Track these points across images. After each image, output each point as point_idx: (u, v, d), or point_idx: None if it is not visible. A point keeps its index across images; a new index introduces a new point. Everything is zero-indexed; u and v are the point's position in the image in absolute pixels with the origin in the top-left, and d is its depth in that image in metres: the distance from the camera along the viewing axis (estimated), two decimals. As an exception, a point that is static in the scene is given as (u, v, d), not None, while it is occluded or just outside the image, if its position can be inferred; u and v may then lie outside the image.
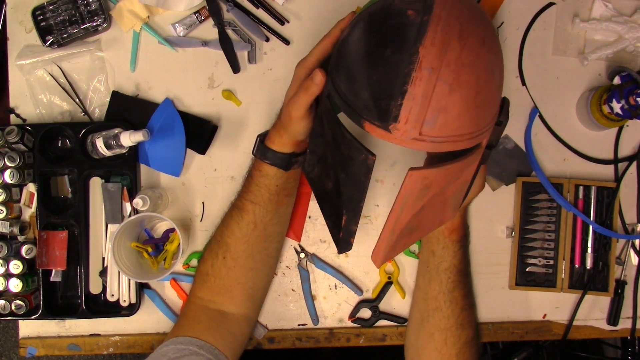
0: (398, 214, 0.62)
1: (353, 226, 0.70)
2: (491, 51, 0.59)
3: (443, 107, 0.56)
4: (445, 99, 0.56)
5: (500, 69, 0.61)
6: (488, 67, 0.58)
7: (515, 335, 0.92)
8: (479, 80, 0.57)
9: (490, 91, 0.59)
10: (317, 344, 0.92)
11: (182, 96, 0.93)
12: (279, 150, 0.76)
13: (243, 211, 0.79)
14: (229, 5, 0.92)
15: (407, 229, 0.66)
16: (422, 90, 0.55)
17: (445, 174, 0.62)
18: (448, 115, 0.57)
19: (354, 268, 0.93)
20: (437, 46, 0.56)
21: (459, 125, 0.58)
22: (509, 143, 0.93)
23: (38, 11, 0.90)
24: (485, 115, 0.60)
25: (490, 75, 0.59)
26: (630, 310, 0.92)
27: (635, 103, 0.82)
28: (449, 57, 0.56)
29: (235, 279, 0.80)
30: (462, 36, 0.57)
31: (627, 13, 0.93)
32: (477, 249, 0.92)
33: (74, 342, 0.92)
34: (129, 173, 0.90)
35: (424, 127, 0.57)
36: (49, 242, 0.88)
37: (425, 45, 0.56)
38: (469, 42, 0.57)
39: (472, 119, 0.58)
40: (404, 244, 0.70)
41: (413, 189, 0.60)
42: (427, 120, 0.56)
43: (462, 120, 0.57)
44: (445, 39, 0.56)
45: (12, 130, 0.87)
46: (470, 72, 0.57)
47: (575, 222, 0.91)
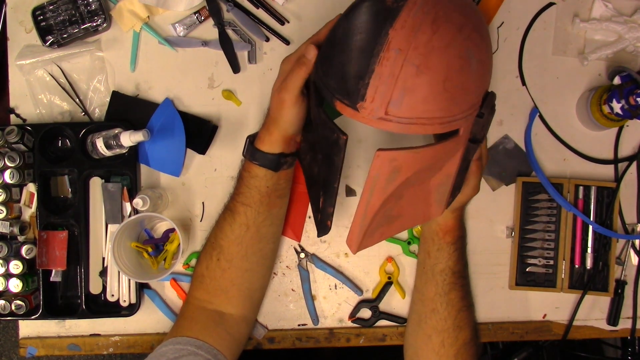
0: (368, 197, 0.62)
1: (329, 207, 0.71)
2: (470, 40, 0.59)
3: (409, 87, 0.57)
4: (412, 80, 0.57)
5: (482, 60, 0.61)
6: (463, 54, 0.58)
7: (515, 335, 0.92)
8: (450, 66, 0.58)
9: (465, 79, 0.59)
10: (317, 344, 0.92)
11: (182, 96, 0.93)
12: (268, 151, 0.76)
13: (235, 213, 0.79)
14: (229, 5, 0.92)
15: (384, 216, 0.67)
16: (388, 70, 0.57)
17: (415, 158, 0.62)
18: (414, 97, 0.57)
19: (354, 268, 0.93)
20: (407, 29, 0.57)
21: (426, 109, 0.58)
22: (509, 143, 0.93)
23: (38, 11, 0.90)
24: (459, 102, 0.60)
25: (465, 63, 0.59)
26: (630, 310, 0.92)
27: (635, 103, 0.82)
28: (419, 39, 0.57)
29: (230, 280, 0.80)
30: (436, 21, 0.58)
31: (627, 13, 0.93)
32: (477, 249, 0.92)
33: (74, 342, 0.92)
34: (129, 173, 0.90)
35: (390, 106, 0.58)
36: (49, 242, 0.88)
37: (395, 28, 0.57)
38: (443, 27, 0.58)
39: (441, 104, 0.58)
40: (383, 232, 0.69)
41: (381, 170, 0.61)
42: (392, 100, 0.57)
43: (429, 103, 0.58)
44: (416, 22, 0.57)
45: (12, 130, 0.87)
46: (439, 56, 0.57)
47: (575, 222, 0.91)
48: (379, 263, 0.92)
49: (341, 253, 0.92)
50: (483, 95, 0.63)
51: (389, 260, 0.91)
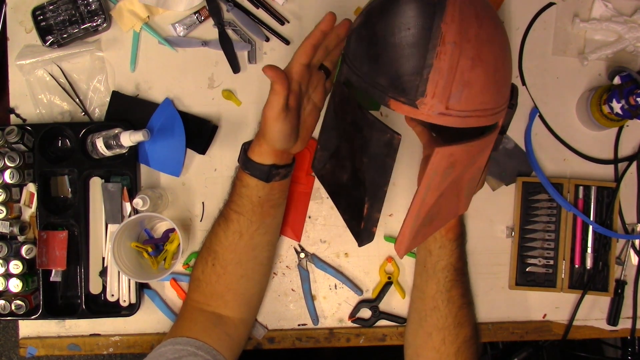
0: (424, 196, 0.62)
1: (376, 213, 0.69)
2: (503, 33, 0.62)
3: (467, 81, 0.58)
4: (469, 73, 0.57)
5: (509, 52, 0.64)
6: (502, 47, 0.61)
7: (515, 335, 0.92)
8: (497, 58, 0.60)
9: (506, 70, 0.62)
10: (317, 344, 0.92)
11: (182, 96, 0.93)
12: (259, 162, 0.74)
13: (228, 220, 0.79)
14: (229, 5, 0.92)
15: (429, 216, 0.66)
16: (447, 64, 0.57)
17: (468, 152, 0.63)
18: (472, 89, 0.58)
19: (354, 268, 0.93)
20: (457, 22, 0.57)
21: (482, 100, 0.59)
22: (509, 143, 0.93)
23: (38, 11, 0.90)
24: (503, 92, 0.62)
25: (506, 55, 0.62)
26: (630, 310, 0.92)
27: (635, 103, 0.82)
28: (470, 33, 0.58)
29: (226, 285, 0.80)
30: (478, 15, 0.59)
31: (627, 13, 0.93)
32: (477, 249, 0.92)
33: (74, 342, 0.92)
34: (129, 173, 0.90)
35: (450, 100, 0.58)
36: (49, 242, 0.88)
37: (446, 22, 0.57)
38: (486, 21, 0.59)
39: (492, 95, 0.60)
40: (424, 233, 0.69)
41: (439, 166, 0.61)
42: (452, 93, 0.57)
43: (484, 95, 0.59)
44: (463, 16, 0.58)
45: (12, 130, 0.87)
46: (489, 49, 0.59)
47: (575, 222, 0.91)
48: (379, 263, 0.92)
49: (341, 253, 0.92)
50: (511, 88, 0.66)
51: (389, 260, 0.91)
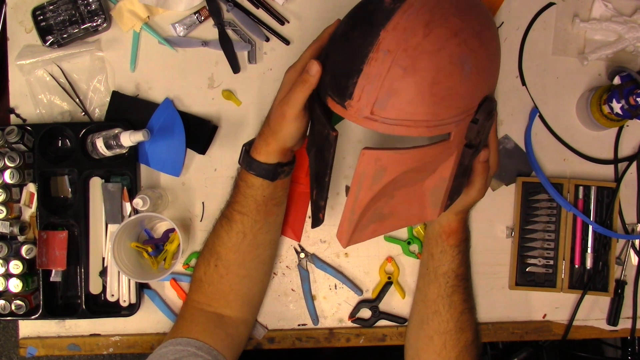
0: (356, 194, 0.63)
1: (321, 201, 0.72)
2: (465, 45, 0.59)
3: (395, 89, 0.58)
4: (398, 82, 0.58)
5: (479, 66, 0.60)
6: (455, 60, 0.58)
7: (515, 335, 0.92)
8: (440, 70, 0.58)
9: (455, 84, 0.59)
10: (317, 344, 0.92)
11: (182, 96, 0.93)
12: (265, 161, 0.74)
13: (232, 221, 0.78)
14: (229, 5, 0.92)
15: (375, 214, 0.67)
16: (376, 71, 0.58)
17: (400, 159, 0.62)
18: (400, 98, 0.58)
19: (354, 268, 0.93)
20: (399, 30, 0.58)
21: (412, 111, 0.59)
22: (509, 143, 0.93)
23: (38, 11, 0.90)
24: (447, 106, 0.60)
25: (457, 68, 0.58)
26: (630, 310, 0.92)
27: (635, 103, 0.82)
28: (409, 42, 0.57)
29: (228, 285, 0.80)
30: (429, 24, 0.58)
31: (627, 13, 0.93)
32: (477, 249, 0.92)
33: (74, 342, 0.92)
34: (129, 173, 0.90)
35: (376, 106, 0.59)
36: (49, 242, 0.88)
37: (387, 29, 0.58)
38: (437, 31, 0.58)
39: (427, 107, 0.59)
40: (375, 229, 0.70)
41: (367, 168, 0.62)
42: (378, 100, 0.58)
43: (415, 105, 0.58)
44: (409, 25, 0.58)
45: (12, 130, 0.87)
46: (428, 60, 0.57)
47: (575, 222, 0.91)
48: (379, 263, 0.92)
49: (341, 253, 0.92)
50: (480, 101, 0.62)
51: (389, 260, 0.91)
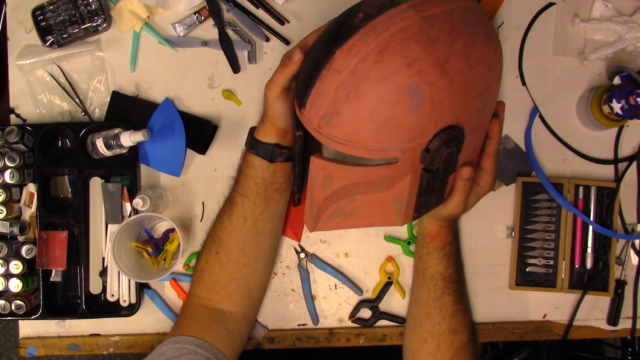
0: (311, 192, 0.68)
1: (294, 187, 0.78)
2: (420, 76, 0.57)
3: (338, 110, 0.59)
4: (341, 104, 0.59)
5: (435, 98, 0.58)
6: (401, 90, 0.57)
7: (515, 335, 0.92)
8: (382, 98, 0.57)
9: (400, 114, 0.58)
10: (317, 344, 0.92)
11: (182, 96, 0.93)
12: (263, 140, 0.77)
13: (233, 204, 0.81)
14: (229, 5, 0.92)
15: (337, 210, 0.71)
16: (324, 88, 0.59)
17: (345, 173, 0.65)
18: (341, 119, 0.60)
19: (354, 268, 0.93)
20: (352, 53, 0.57)
21: (351, 132, 0.60)
22: (509, 143, 0.93)
23: (38, 11, 0.90)
24: (389, 134, 0.59)
25: (402, 98, 0.57)
26: (630, 310, 0.92)
27: (635, 103, 0.82)
28: (358, 66, 0.57)
29: (229, 274, 0.80)
30: (383, 51, 0.57)
31: (627, 13, 0.93)
32: (477, 249, 0.92)
33: (74, 342, 0.92)
34: (129, 173, 0.90)
35: (322, 121, 0.61)
36: (49, 242, 0.88)
37: (342, 49, 0.58)
38: (389, 59, 0.56)
39: (366, 132, 0.59)
40: (339, 223, 0.73)
41: (317, 174, 0.65)
42: (324, 116, 0.60)
43: (354, 128, 0.60)
44: (363, 48, 0.57)
45: (12, 130, 0.87)
46: (372, 87, 0.57)
47: (575, 222, 0.91)
48: (379, 263, 0.92)
49: (341, 253, 0.92)
50: (437, 131, 0.61)
51: (389, 260, 0.91)
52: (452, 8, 0.59)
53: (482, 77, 0.61)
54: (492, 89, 0.64)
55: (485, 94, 0.63)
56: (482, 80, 0.61)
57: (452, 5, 0.59)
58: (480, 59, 0.60)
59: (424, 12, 0.58)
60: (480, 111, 0.64)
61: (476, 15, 0.62)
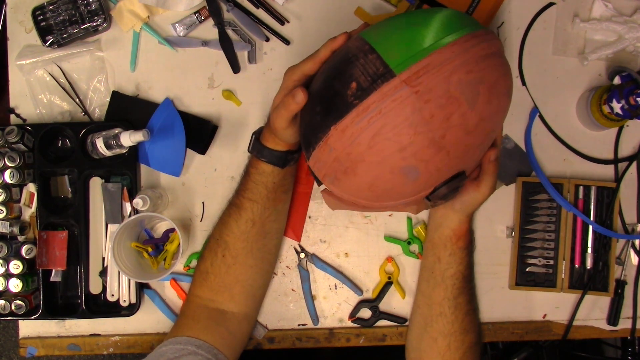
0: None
1: None
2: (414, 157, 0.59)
3: (337, 178, 0.64)
4: (339, 174, 0.63)
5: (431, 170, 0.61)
6: (395, 170, 0.60)
7: (515, 335, 0.92)
8: (378, 177, 0.61)
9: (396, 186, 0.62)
10: (317, 344, 0.92)
11: (182, 96, 0.93)
12: (275, 148, 0.77)
13: (241, 209, 0.80)
14: (229, 5, 0.92)
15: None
16: (322, 158, 0.63)
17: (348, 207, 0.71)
18: (340, 184, 0.65)
19: (354, 268, 0.92)
20: (346, 136, 0.59)
21: (351, 195, 0.66)
22: (509, 143, 0.93)
23: (38, 11, 0.90)
24: (388, 199, 0.65)
25: (398, 177, 0.61)
26: (630, 310, 0.92)
27: (635, 103, 0.82)
28: (352, 148, 0.59)
29: (234, 276, 0.80)
30: (375, 136, 0.58)
31: (627, 13, 0.93)
32: (477, 248, 0.92)
33: (74, 342, 0.92)
34: (129, 173, 0.90)
35: (324, 179, 0.66)
36: (49, 242, 0.88)
37: (337, 128, 0.60)
38: (381, 145, 0.58)
39: (365, 200, 0.66)
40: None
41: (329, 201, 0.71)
42: (325, 175, 0.65)
43: (353, 194, 0.66)
44: (356, 133, 0.59)
45: (12, 130, 0.87)
46: (367, 169, 0.61)
47: (575, 222, 0.91)
48: (379, 263, 0.92)
49: (341, 253, 0.92)
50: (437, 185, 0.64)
51: (389, 260, 0.91)
52: (450, 72, 0.56)
53: (484, 131, 0.62)
54: (496, 130, 0.67)
55: (487, 141, 0.66)
56: (483, 134, 0.62)
57: (451, 66, 0.57)
58: (481, 119, 0.59)
59: (417, 85, 0.56)
60: (483, 150, 0.67)
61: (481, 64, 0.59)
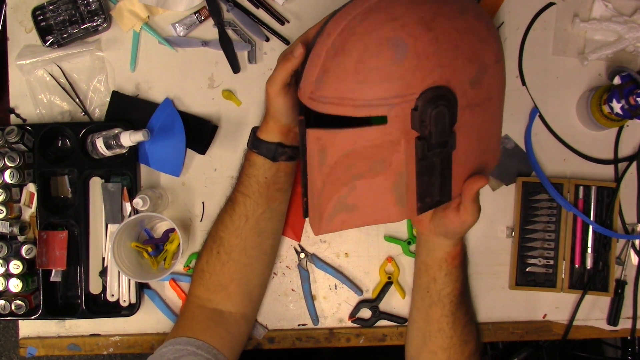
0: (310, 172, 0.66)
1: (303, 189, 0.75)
2: (404, 30, 0.59)
3: (327, 68, 0.62)
4: (330, 61, 0.62)
5: (420, 52, 0.59)
6: (384, 42, 0.59)
7: (515, 335, 0.92)
8: (366, 50, 0.60)
9: (384, 65, 0.59)
10: (317, 344, 0.92)
11: (182, 96, 0.93)
12: (266, 139, 0.77)
13: (234, 203, 0.80)
14: (229, 5, 0.92)
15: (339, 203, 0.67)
16: (317, 52, 0.63)
17: (337, 139, 0.63)
18: (329, 76, 0.62)
19: (354, 268, 0.93)
20: (342, 15, 0.62)
21: (338, 88, 0.61)
22: (509, 143, 0.93)
23: (38, 11, 0.90)
24: (374, 86, 0.60)
25: (386, 50, 0.59)
26: (630, 310, 0.92)
27: (635, 103, 0.82)
28: (346, 25, 0.61)
29: (229, 274, 0.80)
30: (371, 11, 0.61)
31: (627, 13, 0.93)
32: (477, 249, 0.92)
33: (74, 342, 0.92)
34: (129, 173, 0.90)
35: (314, 85, 0.63)
36: (49, 242, 0.88)
37: (335, 17, 0.63)
38: (374, 17, 0.60)
39: (351, 85, 0.61)
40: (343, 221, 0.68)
41: (312, 148, 0.65)
42: (315, 79, 0.63)
43: (340, 82, 0.61)
44: (351, 10, 0.61)
45: (12, 130, 0.87)
46: (357, 40, 0.60)
47: (575, 222, 0.91)
48: (379, 263, 0.92)
49: (341, 253, 0.92)
50: (423, 88, 0.60)
51: (389, 260, 0.91)
52: None
53: (472, 44, 0.61)
54: (485, 61, 0.63)
55: (477, 64, 0.62)
56: (472, 47, 0.61)
57: None
58: (469, 28, 0.61)
59: None
60: (474, 83, 0.62)
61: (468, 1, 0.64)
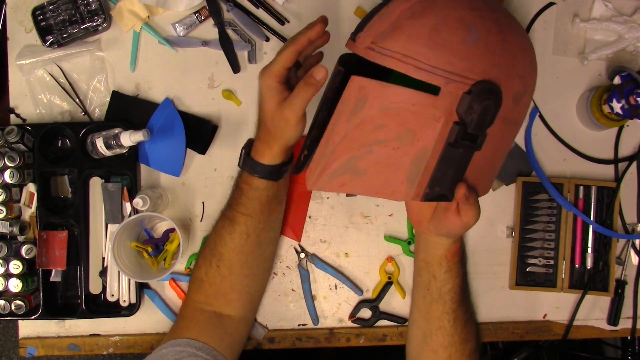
0: (334, 123, 0.64)
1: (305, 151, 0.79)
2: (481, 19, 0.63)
3: (399, 25, 0.63)
4: (403, 20, 0.63)
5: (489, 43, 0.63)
6: (463, 22, 0.62)
7: (515, 335, 0.92)
8: (445, 22, 0.62)
9: (456, 40, 0.62)
10: (317, 344, 0.92)
11: (182, 96, 0.93)
12: (269, 163, 0.74)
13: (235, 223, 0.78)
14: (229, 5, 0.92)
15: (350, 164, 0.65)
16: (391, 9, 0.63)
17: (382, 92, 0.63)
18: (400, 32, 0.63)
19: (354, 268, 0.92)
20: None
21: (406, 46, 0.62)
22: (509, 143, 0.93)
23: (38, 11, 0.90)
24: (441, 55, 0.62)
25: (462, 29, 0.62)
26: (631, 310, 0.92)
27: (635, 103, 0.82)
28: None
29: (230, 285, 0.80)
30: None
31: (627, 13, 0.93)
32: (477, 249, 0.92)
33: (73, 342, 0.92)
34: (129, 173, 0.90)
35: (378, 37, 0.63)
36: (49, 242, 0.88)
37: None
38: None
39: (420, 47, 0.62)
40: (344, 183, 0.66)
41: (350, 96, 0.63)
42: (382, 32, 0.63)
43: (411, 42, 0.62)
44: None
45: (12, 130, 0.87)
46: (438, 11, 0.62)
47: (576, 222, 0.91)
48: (379, 263, 0.92)
49: (341, 253, 0.92)
50: (480, 78, 0.62)
51: (389, 260, 0.91)
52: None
53: (526, 64, 0.67)
54: (529, 84, 0.68)
55: (523, 83, 0.66)
56: (525, 66, 0.66)
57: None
58: (526, 49, 0.67)
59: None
60: (516, 99, 0.66)
61: None
